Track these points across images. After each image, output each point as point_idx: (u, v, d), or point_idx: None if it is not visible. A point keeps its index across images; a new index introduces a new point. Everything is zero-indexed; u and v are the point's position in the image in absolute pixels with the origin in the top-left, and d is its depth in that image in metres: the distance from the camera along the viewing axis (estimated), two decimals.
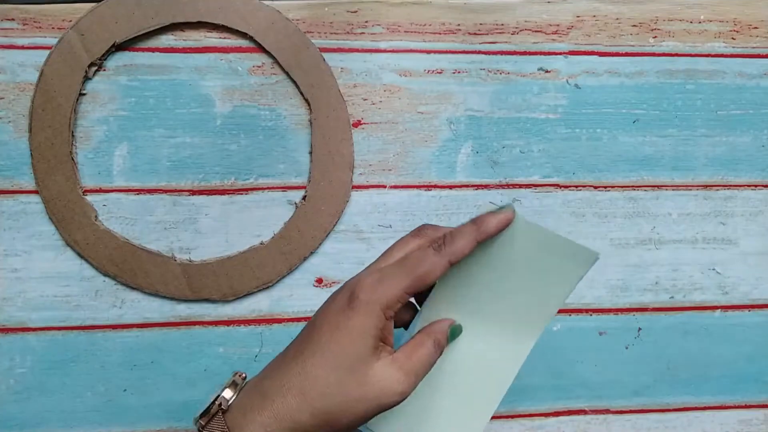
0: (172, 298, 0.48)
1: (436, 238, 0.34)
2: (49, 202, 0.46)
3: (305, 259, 0.48)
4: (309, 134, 0.48)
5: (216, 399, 0.33)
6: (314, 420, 0.31)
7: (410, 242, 0.35)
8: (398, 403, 0.32)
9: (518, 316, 0.37)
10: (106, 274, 0.47)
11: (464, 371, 0.37)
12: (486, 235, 0.34)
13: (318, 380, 0.32)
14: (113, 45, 0.46)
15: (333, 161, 0.48)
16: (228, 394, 0.34)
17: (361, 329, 0.32)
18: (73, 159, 0.46)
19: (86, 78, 0.46)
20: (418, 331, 0.36)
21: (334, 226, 0.49)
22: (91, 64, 0.46)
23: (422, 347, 0.34)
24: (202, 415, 0.33)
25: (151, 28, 0.46)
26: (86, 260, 0.47)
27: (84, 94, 0.46)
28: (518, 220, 0.35)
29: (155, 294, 0.47)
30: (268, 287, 0.48)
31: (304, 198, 0.48)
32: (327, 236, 0.48)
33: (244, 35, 0.47)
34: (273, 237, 0.48)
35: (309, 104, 0.48)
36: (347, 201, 0.48)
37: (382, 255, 0.35)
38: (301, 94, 0.48)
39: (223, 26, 0.47)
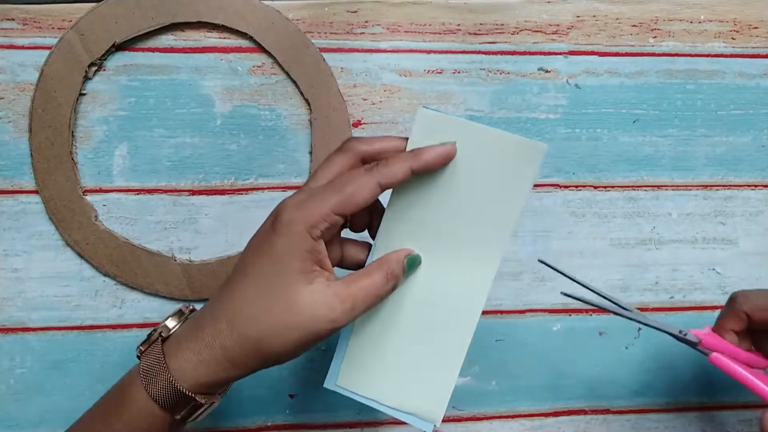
0: (172, 298, 0.48)
1: (370, 162, 0.33)
2: (49, 202, 0.46)
3: None
4: (309, 134, 0.48)
5: (157, 328, 0.33)
6: (242, 348, 0.31)
7: (335, 159, 0.33)
8: (331, 331, 0.31)
9: (478, 232, 0.34)
10: (106, 274, 0.47)
11: (430, 305, 0.35)
12: (423, 165, 0.32)
13: (244, 306, 0.31)
14: (113, 45, 0.46)
15: None
16: (171, 323, 0.34)
17: (284, 250, 0.30)
18: (73, 159, 0.46)
19: (86, 78, 0.46)
20: (372, 262, 0.34)
21: None
22: (91, 64, 0.46)
23: (367, 277, 0.32)
24: (143, 343, 0.33)
25: (151, 28, 0.46)
26: (86, 260, 0.47)
27: (84, 94, 0.46)
28: (458, 124, 0.33)
29: (155, 294, 0.47)
30: None
31: None
32: None
33: (243, 35, 0.47)
34: None
35: (309, 104, 0.48)
36: None
37: (311, 176, 0.34)
38: (301, 94, 0.48)
39: (223, 26, 0.47)
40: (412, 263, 0.34)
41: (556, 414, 0.52)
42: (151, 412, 0.31)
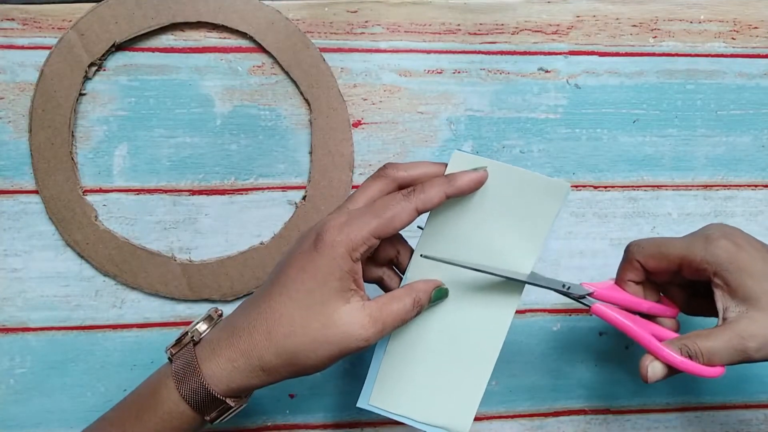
0: (172, 298, 0.48)
1: (407, 187, 0.34)
2: (49, 202, 0.46)
3: None
4: (309, 134, 0.48)
5: (189, 330, 0.34)
6: (279, 359, 0.32)
7: (374, 184, 0.35)
8: (361, 349, 0.33)
9: (505, 261, 0.37)
10: (106, 274, 0.47)
11: (459, 329, 0.38)
12: (456, 191, 0.34)
13: (283, 320, 0.32)
14: (113, 45, 0.46)
15: (333, 161, 0.48)
16: (202, 327, 0.35)
17: (326, 270, 0.32)
18: (73, 159, 0.46)
19: (86, 78, 0.46)
20: (402, 287, 0.36)
21: None
22: (91, 64, 0.46)
23: (398, 301, 0.34)
24: (173, 345, 0.34)
25: (151, 28, 0.46)
26: (86, 260, 0.47)
27: (84, 94, 0.46)
28: (489, 164, 0.35)
29: (155, 294, 0.47)
30: None
31: (304, 198, 0.48)
32: None
33: (244, 35, 0.47)
34: (273, 237, 0.48)
35: (309, 104, 0.48)
36: None
37: (349, 198, 0.35)
38: (301, 94, 0.48)
39: (222, 26, 0.47)
40: (438, 296, 0.36)
41: (556, 414, 0.52)
42: (183, 412, 0.33)
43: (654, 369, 0.36)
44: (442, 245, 0.37)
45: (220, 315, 0.37)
